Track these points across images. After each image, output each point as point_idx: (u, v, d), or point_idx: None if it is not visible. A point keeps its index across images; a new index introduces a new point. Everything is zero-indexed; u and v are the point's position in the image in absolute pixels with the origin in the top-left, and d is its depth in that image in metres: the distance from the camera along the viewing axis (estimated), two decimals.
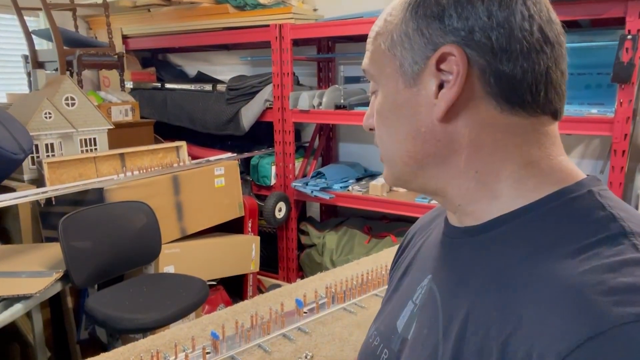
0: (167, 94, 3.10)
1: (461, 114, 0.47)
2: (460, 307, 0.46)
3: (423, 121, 0.49)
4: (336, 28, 2.43)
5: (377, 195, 2.46)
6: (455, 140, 0.48)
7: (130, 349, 1.11)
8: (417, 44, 0.47)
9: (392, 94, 0.50)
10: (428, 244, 0.60)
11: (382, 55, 0.51)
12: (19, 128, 2.09)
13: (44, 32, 2.87)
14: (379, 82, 0.52)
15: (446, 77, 0.46)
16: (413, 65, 0.48)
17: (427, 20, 0.47)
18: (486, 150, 0.47)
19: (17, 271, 1.75)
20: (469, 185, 0.49)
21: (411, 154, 0.50)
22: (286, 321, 1.20)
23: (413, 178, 0.53)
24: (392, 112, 0.51)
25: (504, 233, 0.47)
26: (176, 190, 2.29)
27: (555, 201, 0.46)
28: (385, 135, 0.53)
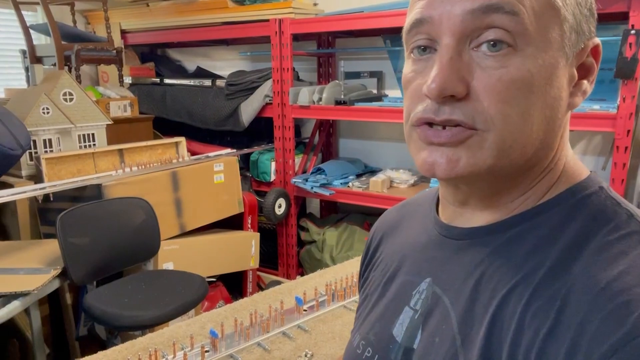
0: (166, 90, 3.09)
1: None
2: (481, 313, 0.43)
3: (562, 106, 0.43)
4: (336, 23, 2.41)
5: (377, 192, 2.45)
6: (560, 135, 0.45)
7: (129, 347, 1.10)
8: (586, 20, 0.42)
9: (551, 65, 0.40)
10: (412, 246, 0.56)
11: (550, 11, 0.40)
12: (17, 123, 2.07)
13: (42, 26, 2.85)
14: (528, 40, 0.39)
15: (584, 69, 0.44)
16: (577, 41, 0.42)
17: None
18: (560, 147, 0.46)
19: (15, 268, 1.74)
20: (539, 183, 0.46)
21: (538, 143, 0.42)
22: (286, 319, 1.19)
23: (511, 176, 0.44)
24: (542, 88, 0.40)
25: (521, 234, 0.44)
26: (175, 187, 2.27)
27: (569, 199, 0.44)
28: (517, 113, 0.40)
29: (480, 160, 0.41)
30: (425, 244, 0.53)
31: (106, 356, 1.07)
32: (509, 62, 0.39)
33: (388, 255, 0.60)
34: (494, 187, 0.45)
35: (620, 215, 0.42)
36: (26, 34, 2.77)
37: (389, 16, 2.21)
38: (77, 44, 2.64)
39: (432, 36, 0.42)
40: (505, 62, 0.39)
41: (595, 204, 0.43)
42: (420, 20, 0.42)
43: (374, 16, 2.26)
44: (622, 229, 0.40)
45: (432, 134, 0.42)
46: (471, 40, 0.40)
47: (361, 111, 2.37)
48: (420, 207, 0.57)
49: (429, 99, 0.41)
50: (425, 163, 0.43)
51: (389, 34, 2.60)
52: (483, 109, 0.40)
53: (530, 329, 0.39)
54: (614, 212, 0.42)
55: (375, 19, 2.26)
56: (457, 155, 0.42)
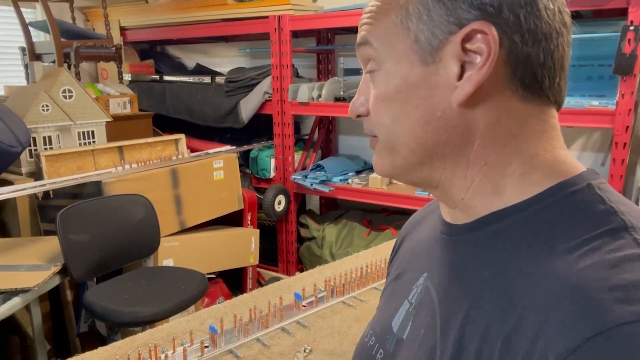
0: (166, 86, 3.09)
1: (481, 100, 0.43)
2: (458, 306, 0.45)
3: (439, 104, 0.44)
4: (336, 19, 2.41)
5: (376, 188, 2.46)
6: (471, 128, 0.44)
7: (129, 343, 1.11)
8: (438, 15, 0.43)
9: (402, 73, 0.45)
10: (421, 242, 0.58)
11: (392, 29, 0.45)
12: (16, 121, 2.07)
13: (41, 23, 2.85)
14: (383, 60, 0.47)
15: (470, 58, 0.43)
16: (431, 39, 0.43)
17: None
18: (500, 142, 0.44)
19: (16, 265, 1.75)
20: (475, 178, 0.46)
21: (421, 140, 0.46)
22: (285, 315, 1.20)
23: (417, 168, 0.48)
24: (400, 94, 0.46)
25: (502, 229, 0.45)
26: (175, 183, 2.28)
27: (554, 195, 0.44)
28: (388, 119, 0.47)
29: (385, 160, 0.49)
30: (430, 240, 0.55)
31: (106, 352, 1.08)
32: (377, 82, 0.48)
33: (404, 252, 0.63)
34: (427, 184, 0.50)
35: (602, 212, 0.41)
36: (25, 31, 2.77)
37: None
38: (76, 41, 2.64)
39: None
40: (375, 82, 0.48)
41: (579, 201, 0.43)
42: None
43: None
44: (600, 226, 0.40)
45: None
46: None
47: None
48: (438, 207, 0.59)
49: None
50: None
51: None
52: (373, 121, 0.49)
53: (498, 324, 0.40)
54: (597, 209, 0.42)
55: None
56: (375, 157, 0.51)
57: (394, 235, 2.46)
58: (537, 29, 0.42)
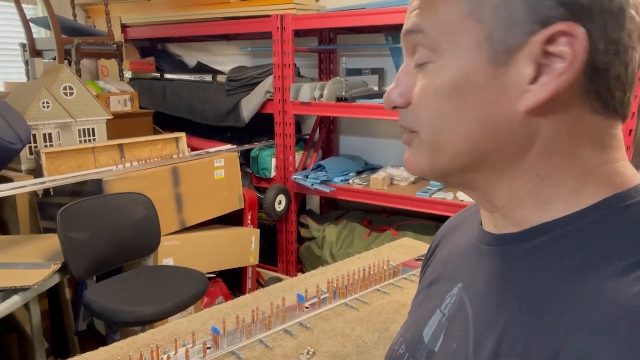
0: (167, 84, 3.07)
1: (550, 108, 0.39)
2: (494, 323, 0.42)
3: (503, 109, 0.40)
4: (338, 19, 2.40)
5: (377, 189, 2.45)
6: (531, 137, 0.41)
7: (130, 343, 1.10)
8: (519, 11, 0.38)
9: (466, 71, 0.41)
10: (457, 250, 0.55)
11: (459, 20, 0.41)
12: (17, 117, 2.06)
13: (42, 20, 2.83)
14: (441, 52, 0.42)
15: (549, 61, 0.38)
16: (508, 38, 0.39)
17: None
18: (559, 154, 0.41)
19: (15, 262, 1.73)
20: (522, 189, 0.43)
21: (471, 145, 0.42)
22: (287, 316, 1.19)
23: (460, 172, 0.45)
24: (459, 92, 0.41)
25: (547, 243, 0.41)
26: (175, 182, 2.27)
27: (606, 209, 0.40)
28: (439, 116, 0.43)
29: (422, 158, 0.46)
30: (466, 248, 0.52)
31: (107, 352, 1.07)
32: (430, 74, 0.43)
33: (438, 258, 0.60)
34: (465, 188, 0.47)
35: None
36: (26, 28, 2.75)
37: (391, 13, 2.21)
38: (77, 38, 2.63)
39: None
40: (427, 74, 0.44)
41: (633, 216, 0.39)
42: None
43: (376, 13, 2.26)
44: None
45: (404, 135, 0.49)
46: (414, 57, 0.46)
47: (362, 108, 2.36)
48: (477, 212, 0.56)
49: None
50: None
51: (390, 30, 2.60)
52: (416, 115, 0.45)
53: (537, 345, 0.37)
54: None
55: (377, 16, 2.25)
56: (409, 154, 0.48)
57: (394, 237, 2.46)
58: (619, 39, 0.39)
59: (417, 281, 1.44)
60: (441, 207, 2.23)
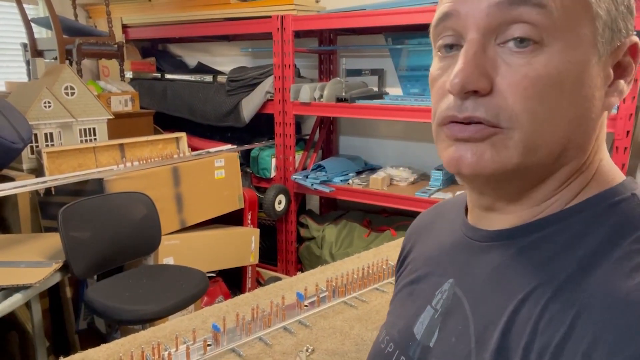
0: (167, 85, 3.08)
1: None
2: (497, 315, 0.42)
3: (596, 106, 0.41)
4: (338, 20, 2.41)
5: (377, 189, 2.46)
6: (594, 137, 0.43)
7: (131, 341, 1.11)
8: (621, 18, 0.40)
9: (581, 62, 0.39)
10: (440, 247, 0.56)
11: (584, 7, 0.38)
12: (18, 117, 2.07)
13: (43, 20, 2.84)
14: (556, 36, 0.38)
15: (620, 68, 0.41)
16: (612, 39, 0.39)
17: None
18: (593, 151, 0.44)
19: (16, 261, 1.74)
20: (562, 185, 0.44)
21: (565, 142, 0.40)
22: (287, 314, 1.20)
23: (535, 172, 0.42)
24: (565, 84, 0.39)
25: (544, 238, 0.43)
26: (176, 182, 2.28)
27: (598, 205, 0.42)
28: (544, 110, 0.39)
29: (506, 159, 0.40)
30: (452, 245, 0.53)
31: (109, 349, 1.08)
32: (536, 59, 0.38)
33: (419, 255, 0.60)
34: (520, 188, 0.44)
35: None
36: (27, 28, 2.76)
37: (391, 14, 2.22)
38: (78, 38, 2.64)
39: (458, 32, 0.41)
40: (532, 59, 0.38)
41: (624, 211, 0.41)
42: (447, 14, 0.41)
43: (376, 14, 2.27)
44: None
45: (458, 129, 0.41)
46: (497, 35, 0.39)
47: (362, 109, 2.37)
48: (453, 209, 0.56)
49: (452, 95, 0.41)
50: (451, 159, 0.42)
51: (390, 31, 2.61)
52: (507, 106, 0.39)
53: (544, 335, 0.38)
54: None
55: (377, 17, 2.26)
56: (482, 150, 0.41)
57: (394, 237, 2.47)
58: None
59: None
60: None
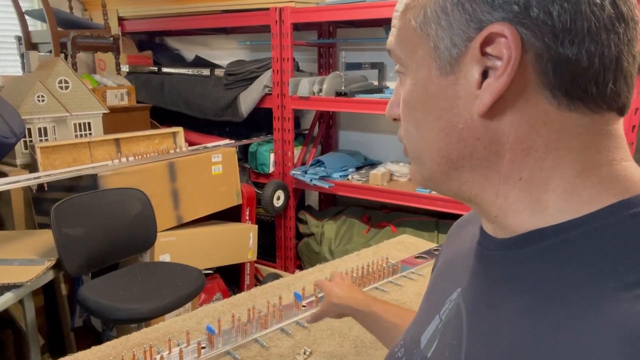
0: (164, 79, 3.04)
1: (508, 109, 0.39)
2: (486, 333, 0.40)
3: (461, 115, 0.41)
4: (338, 12, 2.37)
5: (377, 185, 2.43)
6: (498, 140, 0.40)
7: (123, 343, 1.08)
8: (457, 21, 0.39)
9: (422, 82, 0.43)
10: (460, 251, 0.54)
11: (412, 34, 0.43)
12: (11, 111, 2.03)
13: (38, 12, 2.80)
14: (407, 66, 0.45)
15: (492, 63, 0.38)
16: (451, 47, 0.40)
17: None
18: (535, 154, 0.39)
19: (9, 259, 1.71)
20: (509, 194, 0.41)
21: (443, 152, 0.43)
22: (284, 315, 1.17)
23: (445, 181, 0.45)
24: (422, 103, 0.43)
25: (544, 250, 0.39)
26: (172, 177, 2.24)
27: (610, 217, 0.37)
28: (413, 128, 0.45)
29: (414, 169, 0.48)
30: (468, 251, 0.50)
31: (100, 351, 1.05)
32: (404, 87, 0.46)
33: (445, 256, 0.59)
34: (461, 198, 0.47)
35: None
36: (21, 20, 2.72)
37: (391, 6, 2.16)
38: (73, 31, 2.59)
39: None
40: (403, 87, 0.46)
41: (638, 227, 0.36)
42: None
43: (376, 6, 2.22)
44: None
45: None
46: None
47: (362, 103, 2.34)
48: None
49: None
50: None
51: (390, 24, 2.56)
52: (402, 127, 0.47)
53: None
54: None
55: (377, 9, 2.22)
56: (410, 166, 0.50)
57: (394, 233, 2.44)
58: (577, 27, 0.36)
59: (416, 279, 1.42)
60: (441, 203, 2.21)
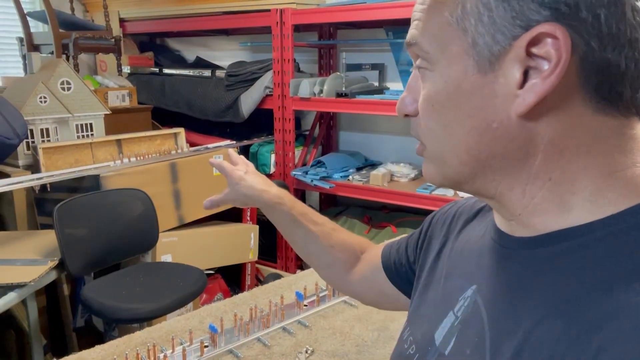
0: (165, 80, 3.05)
1: (546, 110, 0.39)
2: (513, 330, 0.40)
3: (497, 115, 0.40)
4: (338, 14, 2.38)
5: (377, 185, 2.43)
6: (532, 140, 0.40)
7: (126, 342, 1.09)
8: (502, 17, 0.38)
9: (456, 78, 0.41)
10: (470, 246, 0.53)
11: (445, 28, 0.41)
12: (13, 112, 2.04)
13: (40, 14, 2.81)
14: (434, 61, 0.43)
15: (536, 64, 0.38)
16: (492, 45, 0.39)
17: None
18: (567, 156, 0.40)
19: (12, 259, 1.72)
20: (536, 194, 0.41)
21: (474, 152, 0.42)
22: (286, 314, 1.18)
23: (469, 180, 0.44)
24: (453, 101, 0.42)
25: (569, 250, 0.40)
26: (174, 178, 2.25)
27: (633, 218, 0.38)
28: (439, 127, 0.44)
29: (433, 170, 0.47)
30: (481, 247, 0.51)
31: (104, 350, 1.06)
32: (427, 83, 0.44)
33: (457, 247, 0.57)
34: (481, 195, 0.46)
35: None
36: (23, 22, 2.72)
37: (392, 7, 2.18)
38: (75, 32, 2.60)
39: None
40: (425, 83, 0.45)
41: None
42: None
43: (377, 7, 2.23)
44: None
45: None
46: None
47: (362, 104, 2.34)
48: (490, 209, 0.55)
49: None
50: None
51: (391, 25, 2.57)
52: (420, 126, 0.46)
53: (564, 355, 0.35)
54: None
55: (378, 10, 2.22)
56: (424, 165, 0.48)
57: (394, 233, 2.45)
58: (620, 32, 0.37)
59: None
60: (442, 203, 2.20)
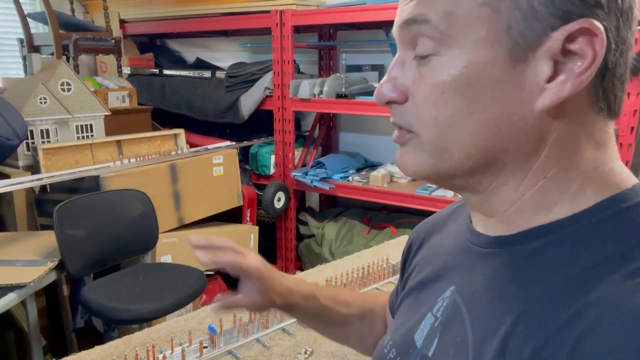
0: (165, 81, 3.05)
1: (563, 108, 0.38)
2: (495, 328, 0.40)
3: (519, 107, 0.38)
4: (338, 15, 2.38)
5: (377, 186, 2.43)
6: (542, 137, 0.39)
7: (126, 342, 1.09)
8: (541, 5, 0.36)
9: (481, 65, 0.38)
10: (446, 250, 0.54)
11: (472, 9, 0.38)
12: (13, 113, 2.04)
13: (40, 15, 2.81)
14: (450, 43, 0.39)
15: (567, 59, 0.37)
16: (527, 33, 0.37)
17: None
18: (567, 154, 0.40)
19: (12, 259, 1.72)
20: (526, 192, 0.41)
21: (484, 145, 0.40)
22: (285, 315, 1.18)
23: (466, 174, 0.42)
24: (471, 88, 0.39)
25: (547, 246, 0.40)
26: (174, 179, 2.25)
27: (606, 211, 0.39)
28: (445, 116, 0.40)
29: (423, 161, 0.43)
30: (457, 248, 0.51)
31: (103, 351, 1.06)
32: (434, 68, 0.40)
33: (426, 255, 0.58)
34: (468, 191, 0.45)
35: None
36: (24, 23, 2.73)
37: (391, 9, 2.18)
38: (75, 33, 2.61)
39: None
40: (431, 68, 0.40)
41: (634, 218, 0.38)
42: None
43: (376, 8, 2.24)
44: None
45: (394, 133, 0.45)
46: (414, 48, 0.42)
47: (362, 105, 2.35)
48: (464, 211, 0.54)
49: None
50: (396, 160, 0.46)
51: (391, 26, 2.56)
52: (417, 113, 0.42)
53: (546, 351, 0.36)
54: None
55: (377, 12, 2.23)
56: (404, 155, 0.44)
57: (394, 234, 2.45)
58: (626, 39, 0.39)
59: None
60: (441, 204, 2.21)
